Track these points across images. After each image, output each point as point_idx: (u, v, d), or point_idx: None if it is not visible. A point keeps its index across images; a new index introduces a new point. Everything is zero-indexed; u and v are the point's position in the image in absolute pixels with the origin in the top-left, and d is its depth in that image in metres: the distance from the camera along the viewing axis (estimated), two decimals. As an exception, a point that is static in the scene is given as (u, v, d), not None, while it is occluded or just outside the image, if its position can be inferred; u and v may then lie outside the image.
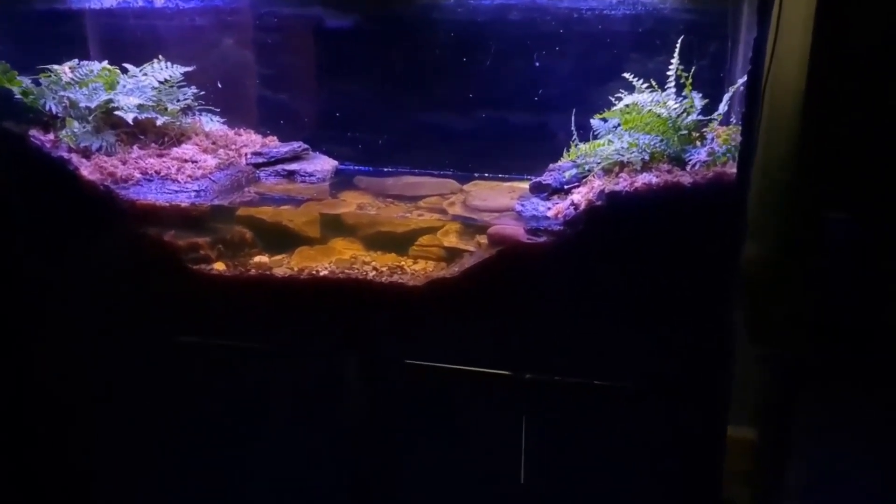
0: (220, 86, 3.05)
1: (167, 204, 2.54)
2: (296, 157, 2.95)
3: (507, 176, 2.91)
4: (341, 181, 2.92)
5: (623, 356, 2.27)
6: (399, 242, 2.63)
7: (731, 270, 2.12)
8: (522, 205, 2.42)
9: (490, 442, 2.45)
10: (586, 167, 2.37)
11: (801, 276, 2.14)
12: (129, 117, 2.60)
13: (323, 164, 2.95)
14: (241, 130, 3.09)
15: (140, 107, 2.67)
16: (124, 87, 2.72)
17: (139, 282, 2.55)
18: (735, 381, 2.19)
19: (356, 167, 3.06)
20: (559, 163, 2.60)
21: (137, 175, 2.61)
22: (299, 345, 2.50)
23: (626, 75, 2.36)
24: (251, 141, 3.03)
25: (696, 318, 2.18)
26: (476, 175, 2.93)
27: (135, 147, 2.71)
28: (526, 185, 2.71)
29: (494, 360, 2.36)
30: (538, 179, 2.50)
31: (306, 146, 3.01)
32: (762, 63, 2.00)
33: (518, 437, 2.41)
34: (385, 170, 3.04)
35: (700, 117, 2.21)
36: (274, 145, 3.02)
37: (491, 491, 2.50)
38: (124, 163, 2.63)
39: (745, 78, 2.02)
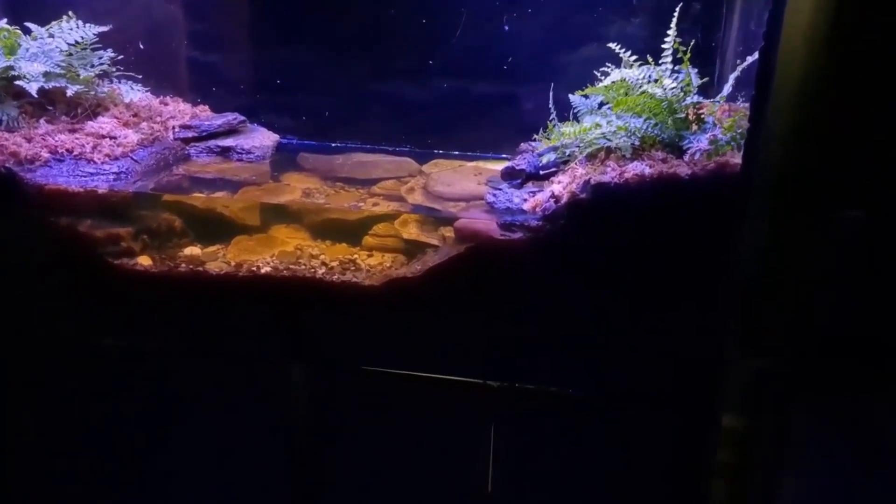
0: (141, 47, 2.69)
1: (81, 189, 2.19)
2: (231, 131, 2.63)
3: (470, 154, 2.62)
4: (283, 159, 2.61)
5: (603, 365, 2.05)
6: (350, 231, 2.32)
7: (731, 274, 1.88)
8: (494, 194, 2.13)
9: (455, 456, 2.22)
10: (566, 151, 2.09)
11: (807, 279, 1.91)
12: (34, 88, 2.23)
13: (262, 139, 2.62)
14: (168, 99, 2.74)
15: (46, 75, 2.30)
16: (27, 51, 2.34)
17: (50, 279, 2.22)
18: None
19: (300, 141, 2.75)
20: (533, 143, 2.31)
21: (45, 154, 2.25)
22: (238, 349, 2.21)
23: (612, 45, 2.08)
24: (179, 111, 2.68)
25: (690, 326, 1.96)
26: (436, 152, 2.64)
27: (42, 121, 2.35)
28: (492, 166, 2.44)
29: (463, 368, 2.12)
30: (511, 164, 2.21)
31: (243, 118, 2.68)
32: (777, 39, 1.72)
33: (486, 452, 2.17)
34: (333, 145, 2.73)
35: (699, 98, 1.94)
36: (206, 116, 2.68)
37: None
38: (29, 140, 2.27)
39: (755, 56, 1.76)
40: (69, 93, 2.35)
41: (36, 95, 2.25)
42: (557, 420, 2.13)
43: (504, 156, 2.56)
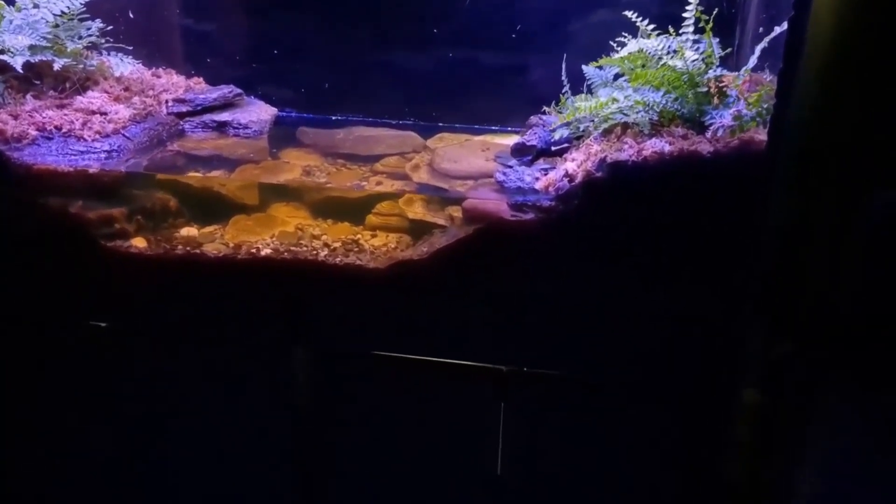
0: (131, 16, 2.56)
1: (72, 168, 2.09)
2: (227, 105, 2.52)
3: (477, 127, 2.52)
4: (282, 134, 2.51)
5: (618, 350, 1.96)
6: (353, 209, 2.23)
7: (755, 257, 1.79)
8: (504, 173, 2.03)
9: (464, 440, 2.15)
10: (580, 127, 1.99)
11: (835, 262, 1.82)
12: (18, 62, 2.12)
13: (259, 113, 2.52)
14: (161, 71, 2.62)
15: (32, 48, 2.19)
16: (11, 23, 2.22)
17: (41, 263, 2.12)
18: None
19: (298, 114, 2.64)
20: (543, 116, 2.21)
21: (33, 132, 2.14)
22: (238, 335, 2.13)
23: (628, 13, 1.97)
24: (173, 84, 2.57)
25: (710, 310, 1.87)
26: (441, 125, 2.53)
27: (28, 96, 2.23)
28: (500, 140, 2.35)
29: (472, 352, 2.04)
30: (521, 140, 2.11)
31: (239, 91, 2.57)
32: (808, 8, 1.62)
33: (495, 435, 2.10)
34: (333, 118, 2.62)
35: (723, 70, 1.83)
36: (200, 89, 2.57)
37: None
38: (16, 117, 2.16)
39: (783, 26, 1.66)
40: (56, 66, 2.23)
41: (21, 70, 2.14)
42: (568, 404, 2.06)
43: (510, 128, 2.48)
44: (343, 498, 2.27)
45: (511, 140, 2.27)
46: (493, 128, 2.52)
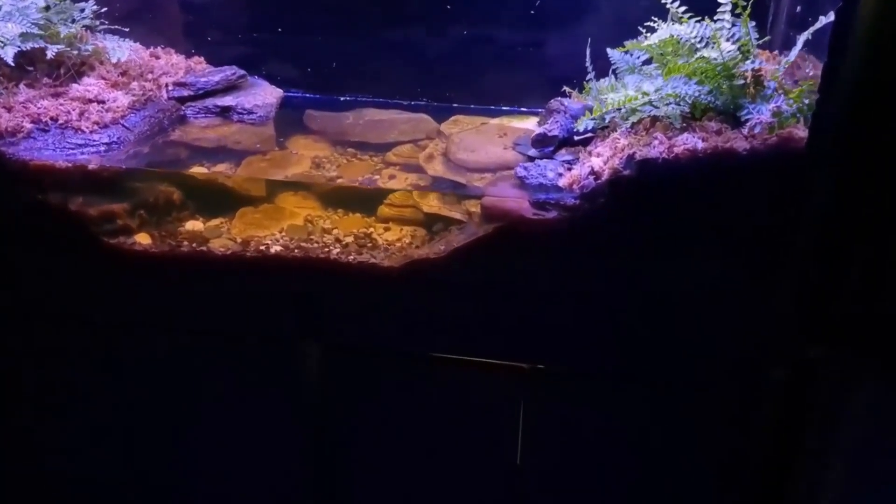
0: (127, -7, 2.44)
1: (70, 164, 1.98)
2: (230, 88, 2.40)
3: (493, 108, 2.40)
4: (289, 118, 2.39)
5: (642, 352, 1.90)
6: (364, 199, 2.12)
7: (792, 258, 1.70)
8: (526, 167, 1.92)
9: (484, 432, 2.09)
10: (605, 117, 1.88)
11: (880, 264, 1.73)
12: (10, 54, 2.00)
13: (265, 96, 2.40)
14: (159, 50, 2.49)
15: (24, 36, 2.06)
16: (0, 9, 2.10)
17: (42, 263, 2.05)
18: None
19: (305, 95, 2.52)
20: (564, 100, 2.09)
21: (28, 125, 2.04)
22: (247, 334, 2.06)
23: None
24: (172, 65, 2.44)
25: (743, 312, 1.79)
26: (454, 106, 2.41)
27: (22, 85, 2.12)
28: (518, 123, 2.23)
29: (491, 350, 1.98)
30: (542, 130, 2.00)
31: (242, 72, 2.45)
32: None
33: (515, 428, 2.06)
34: (342, 99, 2.50)
35: (761, 62, 1.71)
36: (201, 71, 2.45)
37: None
38: (9, 109, 2.06)
39: (830, 16, 1.55)
40: (49, 54, 2.11)
41: (13, 63, 2.02)
42: (589, 402, 2.00)
43: (524, 109, 2.38)
44: (356, 494, 2.22)
45: (529, 122, 2.16)
46: (511, 109, 2.40)
